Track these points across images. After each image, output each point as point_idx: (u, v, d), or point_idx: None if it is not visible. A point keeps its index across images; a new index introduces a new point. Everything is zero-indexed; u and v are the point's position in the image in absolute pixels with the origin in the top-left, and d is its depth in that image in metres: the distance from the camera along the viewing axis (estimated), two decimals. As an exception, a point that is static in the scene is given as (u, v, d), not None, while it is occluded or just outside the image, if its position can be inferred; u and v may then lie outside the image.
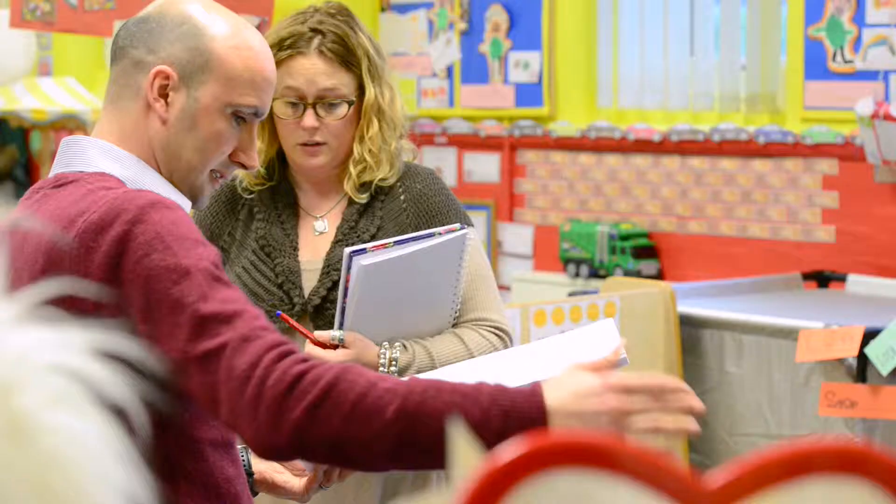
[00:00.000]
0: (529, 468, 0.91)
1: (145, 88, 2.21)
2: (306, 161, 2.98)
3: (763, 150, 5.70)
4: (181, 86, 2.21)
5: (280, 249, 2.98)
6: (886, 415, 4.17)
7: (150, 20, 2.24)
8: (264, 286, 2.94)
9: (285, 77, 2.94)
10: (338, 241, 2.97)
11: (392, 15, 6.87)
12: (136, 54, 2.22)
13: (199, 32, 2.22)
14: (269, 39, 2.88)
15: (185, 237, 2.06)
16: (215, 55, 2.21)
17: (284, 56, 2.95)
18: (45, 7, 4.63)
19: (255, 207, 3.02)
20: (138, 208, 2.07)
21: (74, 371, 1.01)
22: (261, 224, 3.00)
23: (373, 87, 3.00)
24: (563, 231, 6.16)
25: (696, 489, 0.93)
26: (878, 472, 0.92)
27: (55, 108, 7.20)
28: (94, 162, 2.22)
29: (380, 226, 2.99)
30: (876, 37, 5.33)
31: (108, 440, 1.00)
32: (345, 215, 3.00)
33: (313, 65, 2.96)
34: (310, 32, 2.97)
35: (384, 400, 1.95)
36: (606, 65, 6.23)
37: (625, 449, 0.92)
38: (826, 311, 4.73)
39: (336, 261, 2.93)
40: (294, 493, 2.49)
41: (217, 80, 2.22)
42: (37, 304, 1.05)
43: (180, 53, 2.21)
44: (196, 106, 2.21)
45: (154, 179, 2.23)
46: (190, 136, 2.22)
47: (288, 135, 2.98)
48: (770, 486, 0.92)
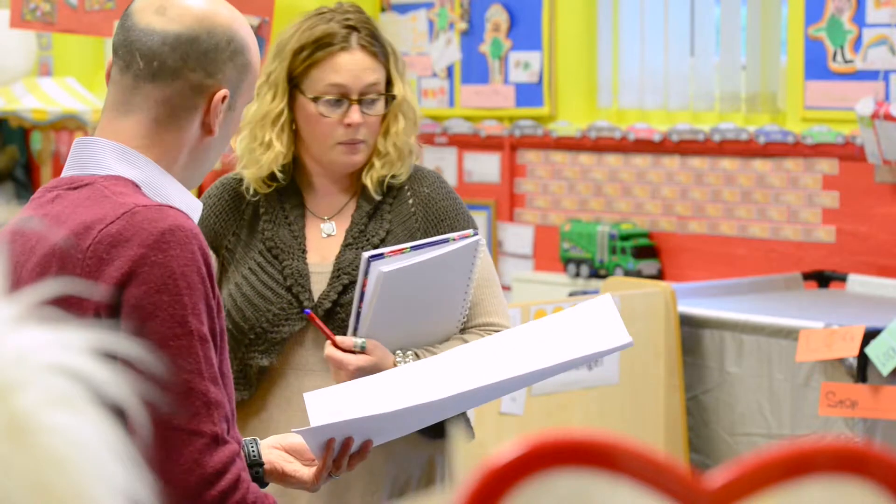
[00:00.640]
0: (529, 468, 0.91)
1: (203, 110, 2.23)
2: (347, 159, 2.93)
3: (763, 150, 5.70)
4: (229, 103, 2.26)
5: (288, 251, 2.93)
6: (887, 415, 4.17)
7: (201, 41, 2.22)
8: (272, 288, 2.90)
9: (329, 74, 2.89)
10: (347, 245, 2.94)
11: (392, 15, 6.87)
12: (195, 78, 2.22)
13: (242, 48, 2.27)
14: (296, 41, 2.91)
15: (195, 287, 2.09)
16: (252, 67, 2.28)
17: (324, 54, 2.90)
18: (45, 7, 4.63)
19: (260, 208, 2.96)
20: (159, 233, 2.09)
21: (74, 371, 1.01)
22: (267, 225, 2.95)
23: (401, 83, 2.97)
24: (563, 231, 6.16)
25: (696, 489, 0.93)
26: (878, 472, 0.92)
27: (55, 109, 7.20)
28: (109, 165, 2.22)
29: (389, 230, 2.96)
30: (876, 37, 5.33)
31: (108, 440, 1.00)
32: (354, 218, 2.96)
33: (359, 60, 2.91)
34: (344, 29, 2.91)
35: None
36: (607, 65, 6.23)
37: (625, 449, 0.92)
38: (826, 310, 4.73)
39: (346, 264, 2.91)
40: (304, 482, 2.50)
41: (248, 88, 2.29)
42: (37, 304, 1.05)
43: (231, 73, 2.25)
44: (233, 116, 2.28)
45: (169, 184, 2.24)
46: (224, 142, 2.30)
47: (328, 133, 2.91)
48: (770, 486, 0.92)
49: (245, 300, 2.89)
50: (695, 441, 4.79)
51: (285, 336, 2.88)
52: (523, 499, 0.91)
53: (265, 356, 2.88)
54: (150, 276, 2.06)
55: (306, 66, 2.91)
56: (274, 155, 2.93)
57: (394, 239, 2.94)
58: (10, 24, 4.70)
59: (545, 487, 0.91)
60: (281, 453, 2.50)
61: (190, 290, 2.08)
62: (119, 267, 2.07)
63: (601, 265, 5.99)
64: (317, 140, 2.93)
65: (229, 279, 2.93)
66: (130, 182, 2.20)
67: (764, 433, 4.58)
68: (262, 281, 2.91)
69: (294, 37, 2.92)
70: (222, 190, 2.99)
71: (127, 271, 2.06)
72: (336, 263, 2.92)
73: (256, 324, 2.87)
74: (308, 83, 2.91)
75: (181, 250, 2.08)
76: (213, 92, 2.22)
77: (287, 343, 2.89)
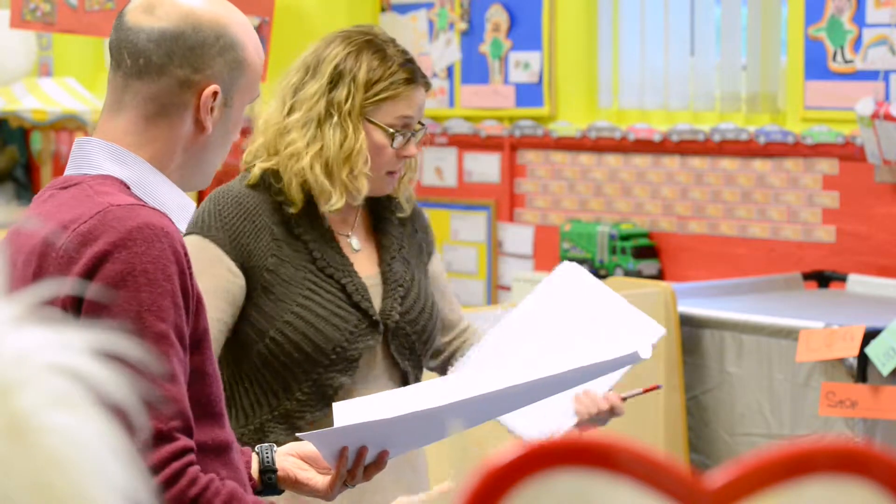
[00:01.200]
0: (529, 468, 0.91)
1: (193, 107, 2.24)
2: (388, 187, 2.98)
3: (763, 150, 5.70)
4: (222, 99, 2.26)
5: (340, 269, 2.93)
6: (887, 415, 4.17)
7: (186, 36, 2.24)
8: (340, 306, 2.90)
9: (402, 107, 2.93)
10: (393, 257, 3.00)
11: (392, 15, 6.87)
12: (182, 74, 2.24)
13: (234, 44, 2.26)
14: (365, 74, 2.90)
15: (158, 283, 2.09)
16: (248, 64, 2.27)
17: (406, 89, 2.93)
18: (45, 7, 4.63)
19: (295, 228, 2.92)
20: (126, 231, 2.11)
21: (74, 371, 1.01)
22: (313, 245, 2.92)
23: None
24: (563, 231, 6.16)
25: (696, 489, 0.93)
26: (878, 472, 0.92)
27: (55, 109, 7.20)
28: (100, 164, 2.24)
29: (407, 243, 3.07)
30: (876, 37, 5.33)
31: (108, 440, 1.00)
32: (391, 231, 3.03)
33: (422, 95, 2.98)
34: (409, 64, 2.96)
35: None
36: (607, 65, 6.23)
37: (625, 449, 0.92)
38: (826, 311, 4.73)
39: (399, 276, 2.98)
40: (318, 490, 2.49)
41: (247, 85, 2.28)
42: (37, 304, 1.05)
43: (222, 69, 2.25)
44: (231, 113, 2.27)
45: (160, 183, 2.25)
46: (224, 141, 2.29)
47: (385, 164, 2.94)
48: (770, 486, 0.92)
49: (322, 321, 2.88)
50: (695, 441, 4.79)
51: (362, 352, 2.90)
52: (523, 499, 0.91)
53: (344, 374, 2.88)
54: (109, 271, 2.08)
55: (385, 97, 2.93)
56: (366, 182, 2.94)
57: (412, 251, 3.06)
58: (10, 24, 4.70)
59: (545, 488, 0.91)
60: (296, 460, 2.49)
61: (150, 286, 2.08)
62: (84, 264, 2.09)
63: (601, 265, 5.99)
64: (373, 168, 2.93)
65: (281, 302, 2.88)
66: (118, 181, 2.22)
67: (764, 433, 4.58)
68: (328, 300, 2.90)
69: (362, 66, 2.92)
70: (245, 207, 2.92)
71: (90, 267, 2.09)
72: (389, 275, 2.97)
73: (337, 343, 2.87)
74: (378, 113, 2.93)
75: (146, 247, 2.09)
76: (202, 88, 2.23)
77: (361, 359, 2.92)
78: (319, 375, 2.87)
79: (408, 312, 2.95)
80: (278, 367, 2.88)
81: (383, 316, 2.92)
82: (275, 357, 2.87)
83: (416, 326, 2.96)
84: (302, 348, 2.86)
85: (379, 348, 2.92)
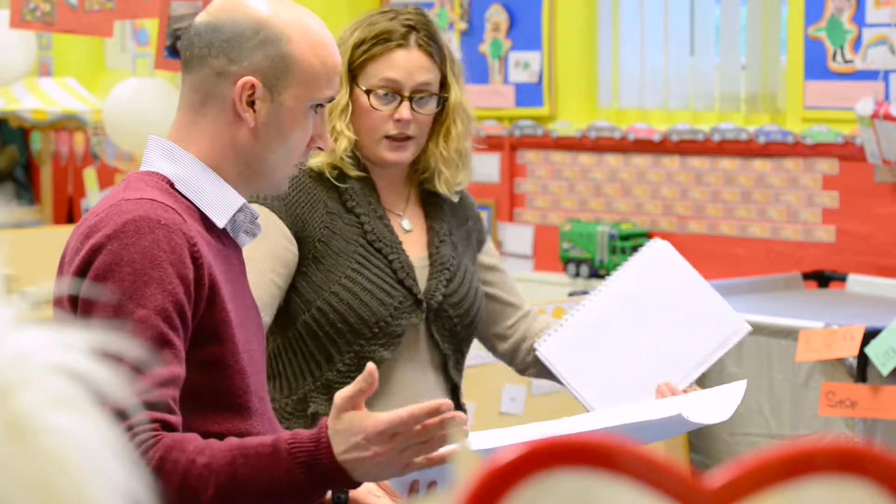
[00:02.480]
0: (529, 468, 0.91)
1: (231, 99, 2.26)
2: (393, 154, 2.96)
3: (763, 150, 5.70)
4: (266, 94, 2.26)
5: (390, 245, 2.96)
6: (887, 415, 4.17)
7: (223, 28, 2.28)
8: (387, 282, 2.94)
9: (384, 69, 2.94)
10: (442, 241, 3.02)
11: (392, 15, 6.87)
12: (218, 64, 2.27)
13: (277, 38, 2.27)
14: (357, 35, 2.95)
15: (143, 272, 2.11)
16: (295, 59, 2.27)
17: (382, 49, 2.95)
18: (45, 7, 4.63)
19: (348, 201, 2.98)
20: (121, 224, 2.14)
21: (74, 371, 1.01)
22: (365, 219, 2.96)
23: (457, 87, 3.02)
24: (563, 231, 6.16)
25: (696, 489, 0.93)
26: (878, 472, 0.92)
27: (55, 109, 7.20)
28: (153, 161, 2.30)
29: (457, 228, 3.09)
30: (876, 36, 5.33)
31: (108, 440, 1.00)
32: (440, 215, 3.06)
33: (414, 58, 2.95)
34: (404, 28, 2.96)
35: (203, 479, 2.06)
36: (607, 65, 6.23)
37: (625, 449, 0.92)
38: (826, 310, 4.73)
39: (446, 259, 3.00)
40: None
41: (299, 82, 2.28)
42: (37, 304, 1.05)
43: (262, 62, 2.26)
44: (281, 110, 2.27)
45: (208, 180, 2.28)
46: (278, 139, 2.29)
47: (377, 126, 2.95)
48: (770, 486, 0.92)
49: (367, 293, 2.91)
50: (695, 441, 4.79)
51: (405, 329, 2.92)
52: (523, 499, 0.91)
53: (386, 349, 2.90)
54: (100, 263, 2.12)
55: (364, 59, 2.96)
56: (345, 143, 2.95)
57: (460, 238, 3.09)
58: (10, 24, 4.70)
59: (545, 487, 0.91)
60: (370, 486, 2.47)
61: (135, 275, 2.11)
62: (82, 257, 2.14)
63: (601, 265, 5.99)
64: (366, 132, 2.96)
65: (329, 272, 2.92)
66: (162, 177, 2.27)
67: (764, 433, 4.57)
68: (375, 275, 2.93)
69: (356, 32, 2.97)
70: (299, 180, 2.97)
71: (87, 259, 2.13)
72: (437, 258, 3.00)
73: (381, 317, 2.90)
74: (364, 76, 2.95)
75: (136, 238, 2.12)
76: (238, 78, 2.26)
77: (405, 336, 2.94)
78: (361, 347, 2.89)
79: (451, 295, 2.97)
80: (322, 337, 2.90)
81: (427, 296, 2.95)
82: (319, 327, 2.89)
83: (458, 310, 2.98)
84: (346, 319, 2.88)
85: (422, 327, 2.95)
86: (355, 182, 2.99)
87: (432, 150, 3.03)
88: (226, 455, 2.08)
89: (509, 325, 3.16)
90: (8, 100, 7.17)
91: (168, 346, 2.12)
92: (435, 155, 3.04)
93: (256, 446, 2.09)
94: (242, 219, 2.34)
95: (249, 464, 2.07)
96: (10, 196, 8.22)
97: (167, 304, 2.12)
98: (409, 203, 3.07)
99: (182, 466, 2.06)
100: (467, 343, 3.05)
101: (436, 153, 3.03)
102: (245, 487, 2.07)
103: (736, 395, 2.79)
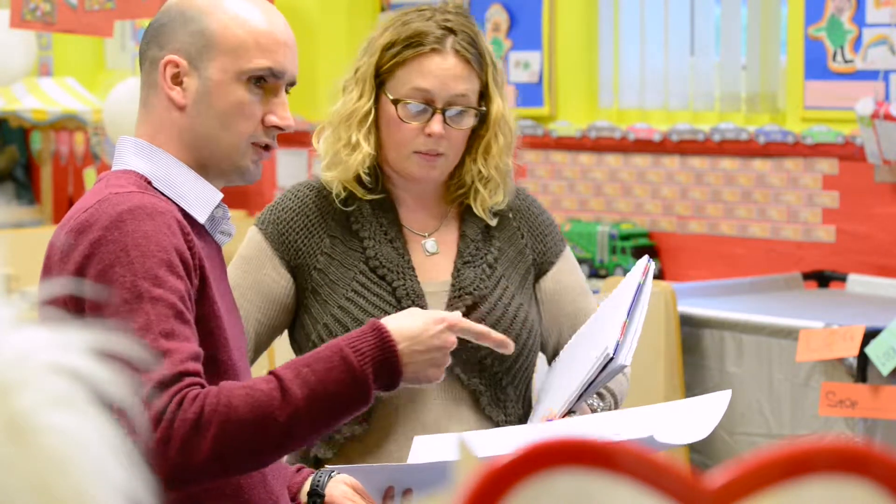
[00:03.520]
0: (529, 468, 0.91)
1: (161, 81, 2.27)
2: (423, 171, 2.67)
3: (763, 150, 5.70)
4: (191, 70, 2.26)
5: (396, 270, 2.65)
6: (887, 415, 4.17)
7: (157, 20, 2.32)
8: (386, 311, 2.59)
9: (415, 77, 2.64)
10: (466, 263, 2.69)
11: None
12: (151, 54, 2.30)
13: (198, 15, 2.27)
14: (388, 35, 2.69)
15: (152, 255, 2.11)
16: (216, 31, 2.26)
17: (413, 53, 2.65)
18: (45, 7, 4.63)
19: (353, 223, 2.69)
20: (116, 214, 2.15)
21: (74, 371, 1.01)
22: (369, 242, 2.67)
23: (499, 98, 2.71)
24: (563, 231, 6.16)
25: (696, 489, 0.93)
26: (878, 472, 0.92)
27: (55, 109, 7.20)
28: (126, 160, 2.30)
29: (500, 247, 2.75)
30: (876, 36, 5.33)
31: (108, 440, 1.00)
32: (469, 235, 2.72)
33: (450, 66, 2.65)
34: (440, 30, 2.66)
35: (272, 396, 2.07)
36: (607, 65, 6.23)
37: (625, 449, 0.92)
38: (826, 310, 4.73)
39: (468, 283, 2.67)
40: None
41: (223, 53, 2.26)
42: (37, 304, 1.05)
43: (184, 39, 2.27)
44: (209, 84, 2.26)
45: (180, 173, 2.28)
46: (210, 114, 2.26)
47: (406, 141, 2.65)
48: (770, 486, 0.92)
49: (357, 324, 2.58)
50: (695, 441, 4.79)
51: None
52: (523, 499, 0.90)
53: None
54: (105, 254, 2.12)
55: (393, 64, 2.67)
56: (361, 157, 2.67)
57: (505, 258, 2.73)
58: (10, 24, 4.70)
59: (545, 487, 0.91)
60: (346, 489, 2.45)
61: (143, 257, 2.10)
62: (81, 251, 2.13)
63: (601, 265, 5.99)
64: (393, 146, 2.67)
65: (326, 303, 2.65)
66: (138, 175, 2.27)
67: (764, 433, 4.57)
68: (373, 303, 2.63)
69: (386, 32, 2.70)
70: (302, 201, 2.73)
71: (87, 254, 2.13)
72: (456, 283, 2.68)
73: None
74: (392, 83, 2.67)
75: (137, 225, 2.12)
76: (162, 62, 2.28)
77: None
78: None
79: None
80: None
81: None
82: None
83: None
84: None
85: None
86: (364, 202, 2.70)
87: (469, 165, 2.72)
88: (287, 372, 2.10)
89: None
90: (8, 100, 7.17)
91: (188, 324, 2.12)
92: (472, 172, 2.73)
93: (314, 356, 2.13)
94: (221, 215, 2.33)
95: (315, 369, 2.10)
96: (10, 196, 8.21)
97: (179, 286, 2.12)
98: (445, 222, 2.76)
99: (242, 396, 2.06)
100: (510, 377, 2.70)
101: (473, 170, 2.72)
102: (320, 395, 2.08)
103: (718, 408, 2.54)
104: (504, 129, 2.73)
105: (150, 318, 2.07)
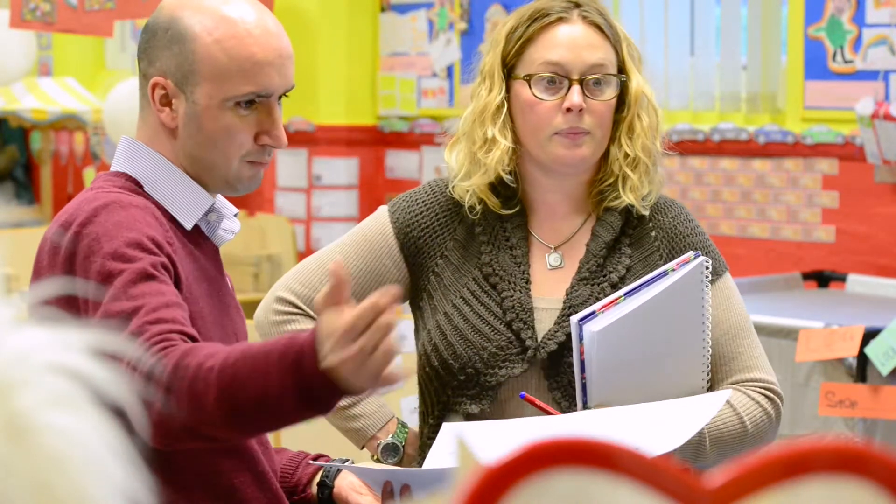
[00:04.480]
0: (529, 468, 0.91)
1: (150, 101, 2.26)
2: (568, 152, 2.44)
3: (763, 150, 5.70)
4: (178, 93, 2.23)
5: (509, 281, 2.47)
6: (886, 415, 4.17)
7: (147, 29, 2.28)
8: (489, 322, 2.46)
9: (544, 51, 2.46)
10: (583, 279, 2.48)
11: (392, 15, 6.86)
12: (142, 67, 2.28)
13: (182, 36, 2.22)
14: (510, 23, 2.52)
15: (120, 237, 2.11)
16: (199, 56, 2.20)
17: (537, 27, 2.46)
18: (45, 7, 4.63)
19: (477, 228, 2.51)
20: (92, 210, 2.15)
21: (74, 371, 1.01)
22: (486, 248, 2.49)
23: (637, 74, 2.58)
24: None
25: (696, 489, 0.93)
26: (878, 472, 0.92)
27: (55, 108, 7.20)
28: (121, 162, 2.29)
29: (629, 266, 2.50)
30: (876, 37, 5.33)
31: (108, 440, 1.00)
32: (591, 249, 2.50)
33: (580, 34, 2.48)
34: (564, 2, 2.49)
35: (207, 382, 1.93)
36: (606, 65, 6.22)
37: (625, 449, 0.92)
38: (826, 310, 4.73)
39: (580, 301, 2.45)
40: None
41: (207, 80, 2.21)
42: (37, 304, 1.05)
43: (170, 61, 2.23)
44: (196, 109, 2.23)
45: (171, 178, 2.27)
46: (200, 138, 2.24)
47: (545, 122, 2.45)
48: (770, 486, 0.92)
49: (457, 333, 2.45)
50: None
51: (501, 380, 2.44)
52: (523, 499, 0.90)
53: (475, 402, 2.44)
54: (82, 248, 2.12)
55: (520, 45, 2.48)
56: (500, 153, 2.47)
57: (634, 277, 2.47)
58: (10, 24, 4.70)
59: (545, 487, 0.91)
60: (353, 481, 2.43)
61: (111, 241, 2.10)
62: (65, 250, 2.14)
63: (601, 265, 5.99)
64: (532, 130, 2.46)
65: (436, 308, 2.51)
66: (126, 177, 2.27)
67: (764, 433, 4.57)
68: (478, 313, 2.47)
69: (509, 21, 2.52)
70: (436, 197, 2.57)
71: (70, 251, 2.13)
72: (567, 300, 2.47)
73: (468, 363, 2.44)
74: (521, 65, 2.48)
75: (109, 216, 2.13)
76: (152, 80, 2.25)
77: (502, 389, 2.45)
78: (448, 398, 2.47)
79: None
80: (421, 385, 2.52)
81: (541, 343, 2.44)
82: (419, 371, 2.51)
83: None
84: (432, 363, 2.47)
85: (532, 382, 2.44)
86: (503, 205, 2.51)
87: (614, 153, 2.50)
88: (231, 356, 1.95)
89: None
90: (8, 99, 7.17)
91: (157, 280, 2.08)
92: (618, 158, 2.50)
93: (259, 348, 1.96)
94: (216, 219, 2.31)
95: (248, 365, 1.93)
96: (10, 196, 8.21)
97: (156, 261, 2.10)
98: (577, 235, 2.53)
99: (192, 371, 1.95)
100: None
101: (619, 156, 2.50)
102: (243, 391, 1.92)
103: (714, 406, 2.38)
104: (648, 109, 2.57)
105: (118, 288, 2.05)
